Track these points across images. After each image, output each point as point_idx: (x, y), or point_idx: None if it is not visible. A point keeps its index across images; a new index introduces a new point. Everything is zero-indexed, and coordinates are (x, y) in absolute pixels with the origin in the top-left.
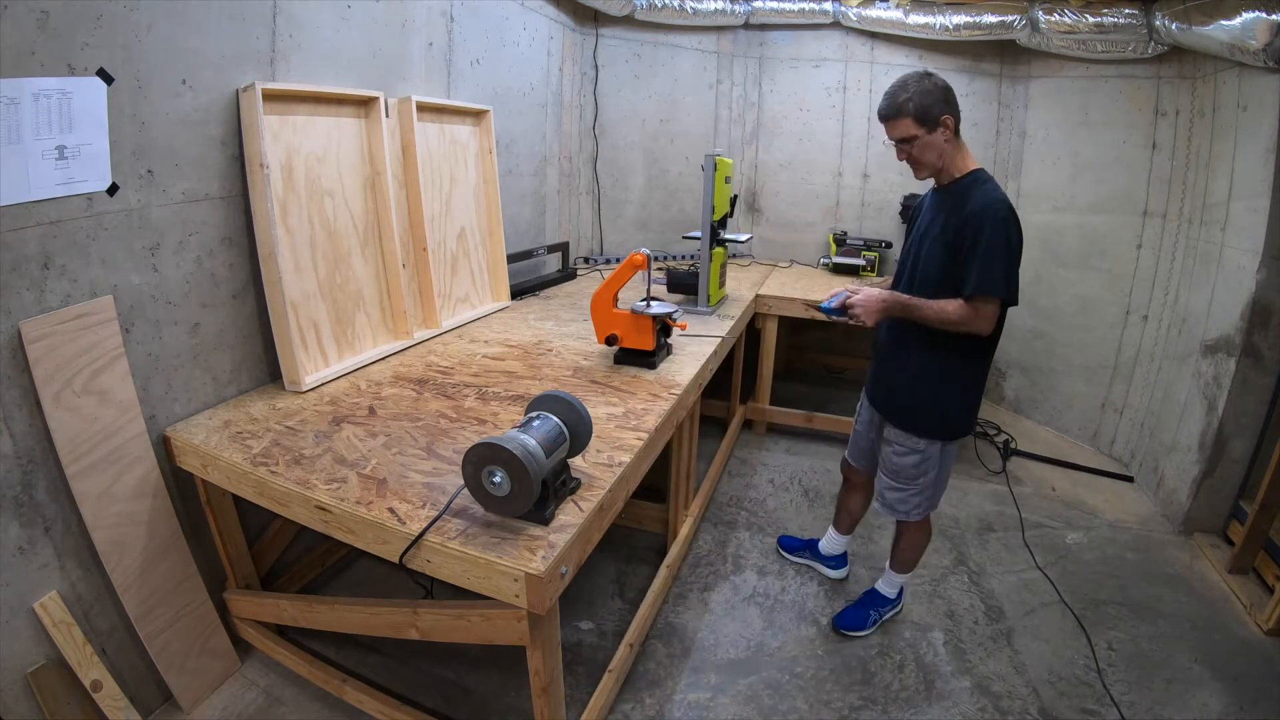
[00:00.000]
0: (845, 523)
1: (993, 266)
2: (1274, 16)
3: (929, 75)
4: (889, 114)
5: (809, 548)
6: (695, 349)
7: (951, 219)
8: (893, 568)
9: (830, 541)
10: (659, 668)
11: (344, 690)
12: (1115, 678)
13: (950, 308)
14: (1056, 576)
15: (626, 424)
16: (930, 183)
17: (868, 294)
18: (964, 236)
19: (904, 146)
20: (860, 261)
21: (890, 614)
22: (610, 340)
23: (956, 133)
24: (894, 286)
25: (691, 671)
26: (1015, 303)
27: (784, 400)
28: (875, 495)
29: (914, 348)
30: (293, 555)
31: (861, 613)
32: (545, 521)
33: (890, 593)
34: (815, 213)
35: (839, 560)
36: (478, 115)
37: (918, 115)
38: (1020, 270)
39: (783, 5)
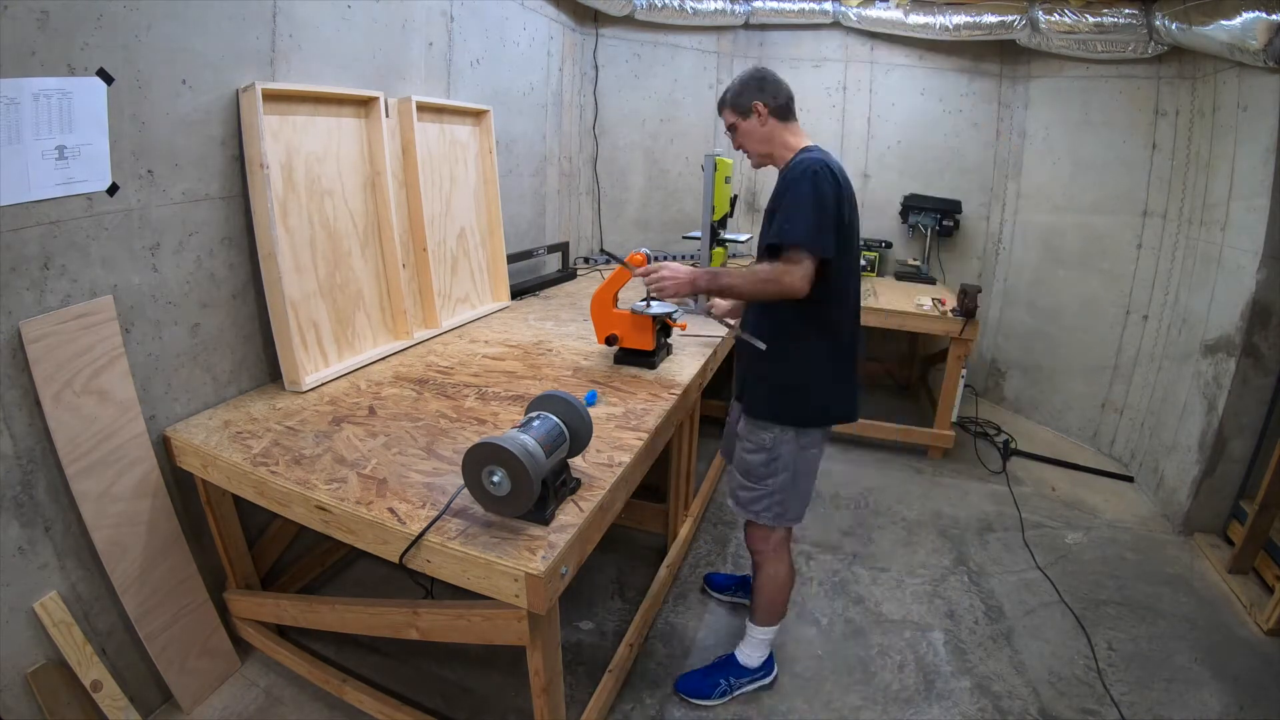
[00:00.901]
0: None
1: (795, 216)
2: (1274, 16)
3: (757, 68)
4: (719, 105)
5: (743, 585)
6: (695, 349)
7: (774, 194)
8: (751, 619)
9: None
10: (659, 668)
11: (344, 690)
12: (1115, 678)
13: (760, 268)
14: (1056, 576)
15: (626, 424)
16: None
17: (674, 266)
18: (776, 203)
19: (731, 135)
20: (860, 261)
21: (752, 686)
22: (610, 340)
23: (782, 116)
24: None
25: None
26: (828, 255)
27: None
28: (728, 491)
29: (758, 321)
30: (293, 555)
31: (710, 680)
32: (545, 521)
33: (751, 660)
34: None
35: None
36: (478, 115)
37: (734, 104)
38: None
39: (783, 5)
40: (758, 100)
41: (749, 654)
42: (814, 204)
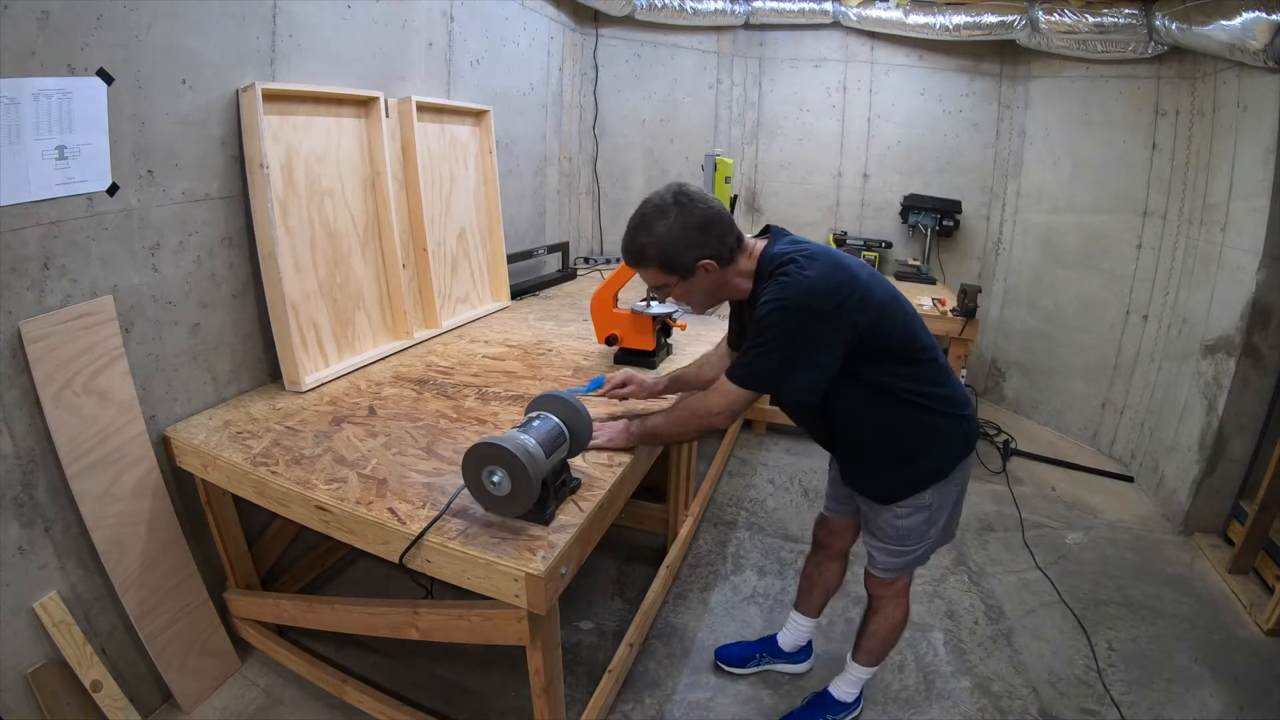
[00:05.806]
0: (817, 602)
1: (755, 352)
2: (1274, 16)
3: (681, 198)
4: (629, 259)
5: (765, 650)
6: (695, 349)
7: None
8: (856, 658)
9: (793, 630)
10: (659, 668)
11: (344, 690)
12: (1115, 678)
13: (689, 410)
14: (1056, 576)
15: None
16: None
17: (612, 427)
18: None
19: (656, 292)
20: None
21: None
22: (610, 340)
23: (729, 258)
24: None
25: (691, 671)
26: (760, 389)
27: None
28: (868, 558)
29: (848, 425)
30: (293, 555)
31: None
32: (545, 521)
33: (848, 695)
34: (815, 213)
35: (803, 653)
36: (478, 115)
37: (664, 264)
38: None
39: (782, 5)
40: (707, 257)
41: (846, 690)
42: (786, 341)
